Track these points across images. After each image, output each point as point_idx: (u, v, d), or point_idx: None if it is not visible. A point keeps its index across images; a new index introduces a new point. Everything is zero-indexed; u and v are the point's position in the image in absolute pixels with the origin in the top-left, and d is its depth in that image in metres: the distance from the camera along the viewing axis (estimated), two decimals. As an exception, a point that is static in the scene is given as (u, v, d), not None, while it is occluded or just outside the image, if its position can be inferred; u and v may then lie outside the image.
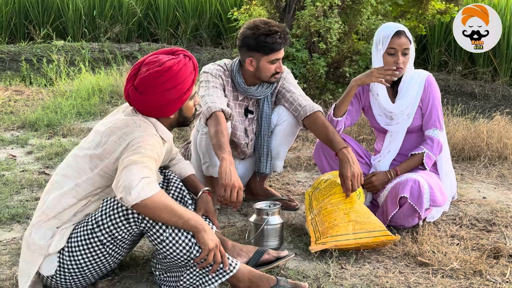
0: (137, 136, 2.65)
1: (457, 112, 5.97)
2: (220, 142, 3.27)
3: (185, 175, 3.17)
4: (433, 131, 3.67)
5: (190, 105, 2.88)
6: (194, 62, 2.83)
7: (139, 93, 2.72)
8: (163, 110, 2.76)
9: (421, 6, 7.22)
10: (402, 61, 3.58)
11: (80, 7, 10.35)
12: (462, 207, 4.00)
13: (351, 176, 3.33)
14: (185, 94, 2.78)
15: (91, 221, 2.68)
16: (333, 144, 3.47)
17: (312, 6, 6.11)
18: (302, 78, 6.25)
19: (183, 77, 2.74)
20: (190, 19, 10.37)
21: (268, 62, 3.67)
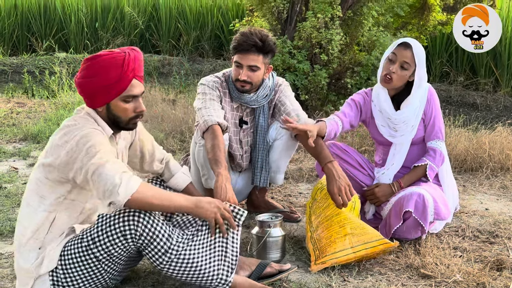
0: (81, 137, 2.60)
1: (459, 123, 5.97)
2: (216, 156, 3.26)
3: (181, 188, 3.18)
4: (435, 142, 3.66)
5: (122, 106, 2.72)
6: (126, 59, 2.68)
7: (76, 78, 2.73)
8: (90, 99, 2.71)
9: (422, 17, 7.24)
10: (395, 71, 3.56)
11: (82, 19, 10.39)
12: (464, 218, 3.99)
13: (338, 191, 3.29)
14: (109, 88, 2.66)
15: (86, 238, 2.65)
16: (319, 158, 3.45)
17: (313, 18, 6.12)
18: (303, 90, 6.26)
19: (105, 68, 2.65)
20: (192, 30, 10.39)
21: (234, 63, 3.67)
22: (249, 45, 3.58)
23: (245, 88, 3.68)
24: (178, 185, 3.17)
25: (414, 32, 7.29)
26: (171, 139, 5.55)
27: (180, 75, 8.42)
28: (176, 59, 9.90)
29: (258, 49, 3.60)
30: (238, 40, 3.61)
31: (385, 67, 3.62)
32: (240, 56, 3.63)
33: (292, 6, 6.44)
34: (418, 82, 3.62)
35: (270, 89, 3.80)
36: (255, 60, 3.61)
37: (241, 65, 3.63)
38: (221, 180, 3.09)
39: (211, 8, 10.49)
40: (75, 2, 10.62)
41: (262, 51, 3.61)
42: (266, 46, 3.62)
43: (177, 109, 6.31)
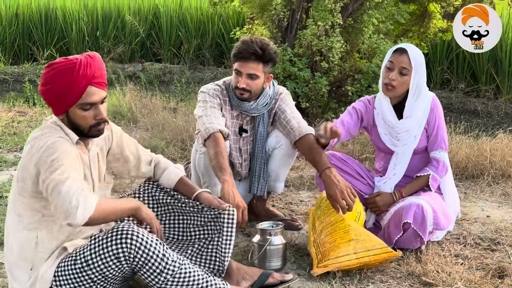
0: (46, 148, 2.55)
1: (460, 130, 5.96)
2: (220, 163, 3.26)
3: (174, 182, 3.12)
4: (439, 153, 3.66)
5: (80, 114, 2.65)
6: (77, 67, 2.61)
7: (39, 87, 2.70)
8: (52, 107, 2.67)
9: (422, 24, 7.25)
10: (395, 78, 3.56)
11: (84, 28, 10.42)
12: (466, 226, 3.98)
13: (339, 194, 3.28)
14: (63, 96, 2.60)
15: (79, 258, 2.61)
16: (317, 165, 3.44)
17: (314, 26, 6.13)
18: (304, 97, 6.26)
19: (58, 76, 2.59)
20: (193, 39, 10.42)
21: (234, 71, 3.68)
22: (249, 53, 3.59)
23: (244, 96, 3.69)
24: (170, 180, 3.11)
25: (415, 39, 7.30)
26: (172, 147, 5.55)
27: (181, 83, 8.43)
28: (177, 67, 9.92)
29: (258, 57, 3.61)
30: (239, 48, 3.63)
31: (384, 76, 3.62)
32: (240, 64, 3.64)
33: (292, 14, 6.46)
34: (415, 88, 3.60)
35: (270, 98, 3.81)
36: (254, 68, 3.62)
37: (240, 73, 3.64)
38: (227, 186, 3.10)
39: (212, 16, 10.51)
40: (76, 11, 10.65)
41: (262, 59, 3.62)
42: (266, 55, 3.62)
43: (178, 117, 6.31)
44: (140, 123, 6.50)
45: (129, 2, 10.96)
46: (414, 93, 3.61)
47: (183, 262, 2.68)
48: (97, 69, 2.67)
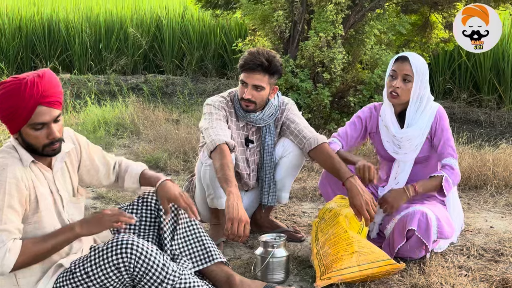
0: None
1: (463, 140, 5.96)
2: (226, 175, 3.26)
3: (137, 179, 3.06)
4: (449, 160, 3.62)
5: (32, 134, 2.58)
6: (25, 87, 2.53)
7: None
8: (6, 126, 2.61)
9: (424, 35, 7.27)
10: (399, 85, 3.57)
11: (86, 41, 10.46)
12: (469, 237, 3.97)
13: (365, 206, 3.31)
14: (12, 116, 2.54)
15: (79, 271, 2.59)
16: (339, 174, 3.46)
17: (315, 37, 6.14)
18: (306, 108, 6.27)
19: (6, 97, 2.53)
20: (195, 50, 10.45)
21: (240, 82, 3.70)
22: (255, 64, 3.62)
23: (249, 107, 3.71)
24: (133, 178, 3.06)
25: (417, 49, 7.32)
26: (175, 159, 5.55)
27: (184, 94, 8.45)
28: (180, 78, 9.94)
29: (264, 69, 3.63)
30: (245, 59, 3.65)
31: (388, 85, 3.63)
32: (246, 75, 3.66)
33: (294, 25, 6.48)
34: (417, 95, 3.60)
35: (276, 108, 3.83)
36: (260, 80, 3.64)
37: (246, 84, 3.67)
38: (232, 199, 3.10)
39: (214, 27, 10.55)
40: (79, 24, 10.70)
41: (268, 71, 3.64)
42: (272, 67, 3.65)
43: (180, 129, 6.32)
44: (143, 135, 6.51)
45: (131, 15, 11.01)
46: (416, 100, 3.62)
47: (183, 272, 2.67)
48: (46, 88, 2.57)
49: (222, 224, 3.79)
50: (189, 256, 2.97)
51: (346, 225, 3.36)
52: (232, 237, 3.06)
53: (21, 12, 11.09)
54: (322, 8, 6.19)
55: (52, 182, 2.73)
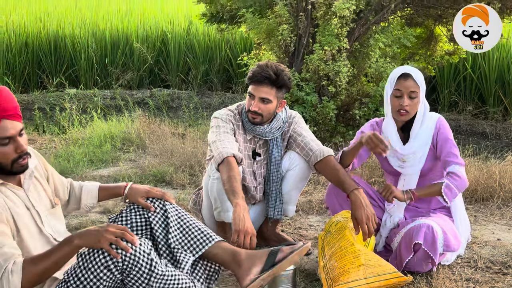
0: None
1: (469, 152, 5.95)
2: (233, 187, 3.27)
3: (96, 193, 3.07)
4: (453, 167, 3.59)
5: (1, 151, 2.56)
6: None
7: None
8: None
9: (429, 47, 7.28)
10: (407, 103, 3.57)
11: (92, 56, 10.51)
12: (476, 249, 3.96)
13: (365, 220, 3.31)
14: None
15: (72, 279, 2.57)
16: (344, 186, 3.47)
17: (320, 50, 6.17)
18: (312, 122, 6.28)
19: None
20: (201, 64, 10.49)
21: (248, 94, 3.72)
22: (263, 77, 3.64)
23: (255, 120, 3.72)
24: (92, 192, 3.06)
25: (422, 62, 7.33)
26: (181, 173, 5.56)
27: (189, 108, 8.48)
28: (185, 93, 9.97)
29: (272, 82, 3.65)
30: (254, 72, 3.67)
31: (394, 105, 3.62)
32: (253, 87, 3.68)
33: (299, 39, 6.50)
34: (423, 105, 3.64)
35: (283, 121, 3.84)
36: (267, 92, 3.66)
37: (253, 96, 3.68)
38: (239, 211, 3.10)
39: (219, 42, 10.59)
40: (85, 39, 10.75)
41: (275, 84, 3.66)
42: (280, 80, 3.66)
43: (186, 143, 6.33)
44: (149, 149, 6.52)
45: (137, 30, 11.07)
46: (423, 113, 3.64)
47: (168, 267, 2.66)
48: (5, 102, 2.55)
49: (229, 237, 3.79)
50: (188, 244, 2.90)
51: (353, 238, 3.36)
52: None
53: (27, 28, 11.16)
54: (327, 21, 6.22)
55: (26, 200, 2.70)
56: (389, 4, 6.32)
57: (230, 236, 3.77)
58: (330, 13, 6.15)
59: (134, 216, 2.94)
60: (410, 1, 6.65)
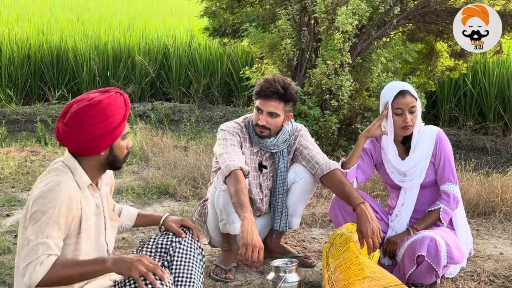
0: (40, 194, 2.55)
1: (470, 167, 5.98)
2: (240, 200, 3.29)
3: (135, 217, 3.12)
4: (447, 186, 3.68)
5: (122, 145, 2.73)
6: (126, 99, 2.73)
7: (69, 129, 2.63)
8: (93, 145, 2.65)
9: (430, 63, 7.33)
10: (410, 119, 3.63)
11: (94, 68, 10.55)
12: (479, 263, 3.98)
13: (371, 234, 3.33)
14: (115, 129, 2.67)
15: None
16: (350, 199, 3.49)
17: (323, 65, 6.21)
18: (314, 135, 6.31)
19: (112, 111, 2.65)
20: (202, 78, 10.53)
21: (255, 108, 3.75)
22: (271, 92, 3.67)
23: (263, 133, 3.75)
24: (132, 215, 3.11)
25: (422, 77, 7.38)
26: (184, 186, 5.58)
27: (191, 122, 8.51)
28: (187, 106, 10.01)
29: (280, 96, 3.68)
30: (261, 86, 3.70)
31: (397, 122, 3.67)
32: (261, 102, 3.71)
33: (302, 53, 6.55)
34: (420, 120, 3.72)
35: (289, 134, 3.87)
36: (275, 107, 3.69)
37: (261, 111, 3.72)
38: (247, 224, 3.12)
39: (221, 55, 10.63)
40: (88, 52, 10.79)
41: (283, 99, 3.69)
42: (288, 95, 3.70)
43: (189, 155, 6.36)
44: (152, 161, 6.55)
45: (139, 43, 11.12)
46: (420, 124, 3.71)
47: None
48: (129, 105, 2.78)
49: (234, 249, 3.82)
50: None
51: (357, 251, 3.38)
52: (246, 263, 3.08)
53: (30, 40, 11.20)
54: (329, 36, 6.27)
55: (100, 204, 2.78)
56: (391, 19, 6.37)
57: (235, 248, 3.80)
58: (333, 28, 6.21)
59: (162, 239, 2.97)
60: (412, 17, 6.70)
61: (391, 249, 3.67)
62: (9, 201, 5.34)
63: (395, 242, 3.65)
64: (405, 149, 3.76)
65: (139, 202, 5.34)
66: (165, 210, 5.12)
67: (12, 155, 6.92)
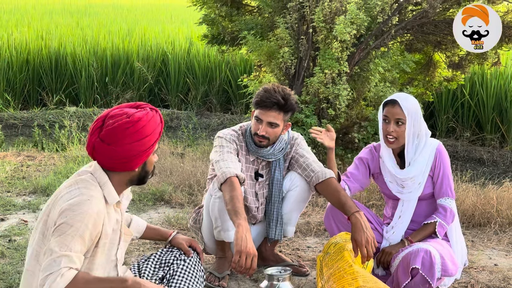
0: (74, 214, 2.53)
1: (466, 178, 5.98)
2: (235, 208, 3.29)
3: (143, 229, 3.13)
4: (445, 200, 3.68)
5: (153, 160, 2.76)
6: (160, 115, 2.76)
7: (106, 145, 2.61)
8: (129, 162, 2.65)
9: (428, 73, 7.34)
10: (393, 129, 3.62)
11: (93, 74, 10.56)
12: (473, 274, 3.97)
13: (365, 243, 3.32)
14: (152, 146, 2.68)
15: None
16: (345, 208, 3.49)
17: (321, 73, 6.22)
18: (311, 144, 6.30)
19: (152, 128, 2.67)
20: (200, 85, 10.54)
21: (254, 118, 3.75)
22: (272, 102, 3.66)
23: (262, 143, 3.76)
24: (140, 227, 3.12)
25: (420, 88, 7.38)
26: (180, 192, 5.58)
27: (188, 129, 8.51)
28: (185, 113, 10.01)
29: (280, 107, 3.68)
30: (261, 96, 3.69)
31: (383, 129, 3.68)
32: (261, 112, 3.71)
33: (299, 62, 6.56)
34: (412, 135, 3.64)
35: (286, 143, 3.88)
36: (275, 117, 3.69)
37: (261, 121, 3.71)
38: (241, 231, 3.12)
39: (219, 63, 10.65)
40: (86, 58, 10.81)
41: (283, 109, 3.69)
42: (288, 105, 3.70)
43: (185, 162, 6.36)
44: (148, 168, 6.53)
45: (138, 49, 11.14)
46: (412, 141, 3.66)
47: None
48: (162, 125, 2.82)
49: (228, 257, 3.81)
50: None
51: (351, 260, 3.38)
52: (240, 270, 3.07)
53: (29, 45, 11.23)
54: (327, 45, 6.28)
55: (119, 219, 2.77)
56: (389, 29, 6.39)
57: (229, 255, 3.79)
58: (331, 37, 6.22)
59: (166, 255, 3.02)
60: (410, 27, 6.72)
61: (385, 259, 3.66)
62: (4, 206, 5.33)
63: (389, 253, 3.65)
64: (401, 162, 3.76)
65: (134, 209, 5.33)
66: (160, 217, 5.11)
67: (9, 159, 6.91)
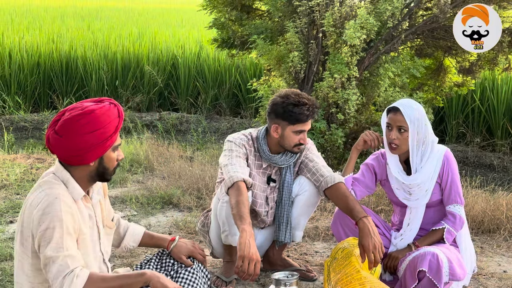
0: (42, 212, 2.54)
1: (476, 184, 5.95)
2: (240, 212, 3.29)
3: (139, 238, 3.11)
4: (454, 207, 3.67)
5: (112, 156, 2.71)
6: (120, 109, 2.71)
7: (59, 137, 2.60)
8: (83, 155, 2.62)
9: (438, 78, 7.31)
10: (396, 137, 3.61)
11: (103, 78, 10.60)
12: (482, 281, 3.95)
13: (372, 248, 3.31)
14: (107, 140, 2.64)
15: None
16: (353, 213, 3.48)
17: (330, 78, 6.21)
18: (320, 148, 6.30)
19: (106, 121, 2.63)
20: (210, 89, 10.55)
21: (292, 132, 3.73)
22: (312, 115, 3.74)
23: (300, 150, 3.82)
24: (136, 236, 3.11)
25: (430, 93, 7.36)
26: (188, 196, 5.58)
27: (198, 132, 8.52)
28: (194, 116, 10.02)
29: (313, 116, 3.77)
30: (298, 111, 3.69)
31: (386, 135, 3.68)
32: (302, 125, 3.74)
33: (309, 66, 6.55)
34: (416, 143, 3.62)
35: None
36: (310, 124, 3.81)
37: (304, 131, 3.75)
38: (245, 236, 3.12)
39: (229, 67, 10.67)
40: (97, 61, 10.85)
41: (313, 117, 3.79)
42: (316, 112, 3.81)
43: (194, 166, 6.36)
44: (157, 171, 6.55)
45: (148, 53, 11.17)
46: (417, 148, 3.64)
47: None
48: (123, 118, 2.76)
49: (235, 261, 3.80)
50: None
51: (359, 265, 3.36)
52: (242, 275, 3.07)
53: (40, 48, 11.28)
54: (337, 50, 6.27)
55: (93, 214, 2.76)
56: (399, 34, 6.37)
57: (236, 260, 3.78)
58: (341, 42, 6.21)
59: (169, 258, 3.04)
60: (420, 32, 6.70)
61: (392, 264, 3.65)
62: (13, 208, 5.35)
63: (396, 257, 3.63)
64: (408, 169, 3.74)
65: (142, 212, 5.34)
66: (168, 220, 5.11)
67: (19, 161, 6.94)
